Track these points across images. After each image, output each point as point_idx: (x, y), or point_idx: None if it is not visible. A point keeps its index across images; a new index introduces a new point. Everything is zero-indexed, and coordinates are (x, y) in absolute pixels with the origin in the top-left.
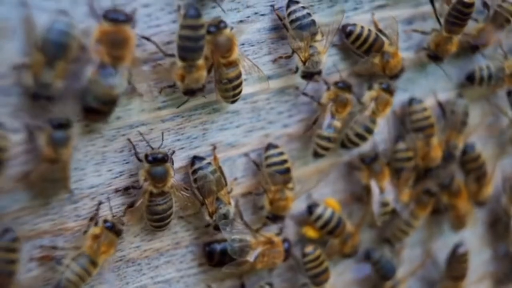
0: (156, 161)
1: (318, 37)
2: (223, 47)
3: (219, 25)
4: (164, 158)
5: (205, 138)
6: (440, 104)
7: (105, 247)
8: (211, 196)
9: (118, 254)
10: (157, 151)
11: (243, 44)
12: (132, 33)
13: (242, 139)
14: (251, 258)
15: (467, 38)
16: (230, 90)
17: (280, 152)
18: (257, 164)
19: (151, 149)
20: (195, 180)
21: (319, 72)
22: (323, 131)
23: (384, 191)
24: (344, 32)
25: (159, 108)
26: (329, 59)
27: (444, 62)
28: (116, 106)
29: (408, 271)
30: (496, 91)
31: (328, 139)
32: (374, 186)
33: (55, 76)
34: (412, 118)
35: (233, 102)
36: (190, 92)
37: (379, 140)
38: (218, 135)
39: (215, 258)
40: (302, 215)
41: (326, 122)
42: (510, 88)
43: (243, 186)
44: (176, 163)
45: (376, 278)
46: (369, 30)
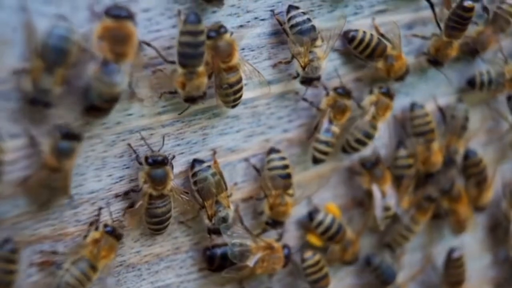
0: (156, 163)
1: (318, 42)
2: (224, 52)
3: (219, 30)
4: (164, 160)
5: (205, 143)
6: (440, 109)
7: (105, 251)
8: (210, 198)
9: (118, 259)
10: (157, 154)
11: (243, 49)
12: (134, 29)
13: (242, 144)
14: (251, 263)
15: (467, 40)
16: (231, 95)
17: (282, 157)
18: (257, 169)
19: (151, 151)
20: (195, 182)
21: (318, 78)
22: (320, 135)
23: (386, 195)
24: (346, 38)
25: (159, 113)
26: (329, 64)
27: (444, 66)
28: (117, 103)
29: (408, 276)
30: (496, 95)
31: (326, 144)
32: (376, 190)
33: (54, 82)
34: (413, 123)
35: (233, 107)
36: (191, 100)
37: (380, 145)
38: (218, 140)
39: (215, 263)
40: (303, 221)
41: (324, 126)
42: (510, 93)
43: (243, 191)
44: (176, 168)
45: (377, 283)
46: (371, 35)
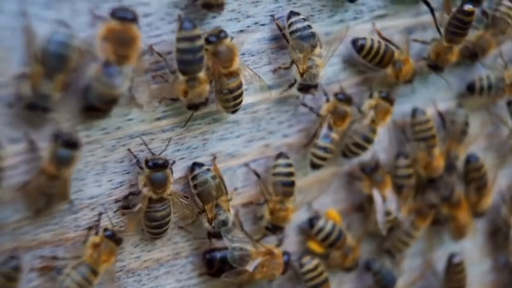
0: (157, 166)
1: (317, 49)
2: (224, 57)
3: (219, 35)
4: (165, 164)
5: (205, 148)
6: (440, 114)
7: (105, 255)
8: (210, 201)
9: (118, 264)
10: (157, 157)
11: (243, 54)
12: (139, 33)
13: (242, 149)
14: (250, 268)
15: (467, 44)
16: (231, 100)
17: (289, 163)
18: (257, 174)
19: (152, 155)
20: (195, 185)
21: (316, 86)
22: (319, 141)
23: (386, 200)
24: (355, 47)
25: (159, 118)
26: (329, 69)
27: (444, 71)
28: (116, 105)
29: (408, 282)
30: (496, 101)
31: (324, 150)
32: (377, 195)
33: (54, 88)
34: (415, 129)
35: (233, 112)
36: (194, 107)
37: (380, 149)
38: (218, 145)
39: (215, 266)
40: (303, 227)
41: (323, 132)
42: (510, 98)
43: (244, 196)
44: (176, 173)
45: None
46: (378, 42)
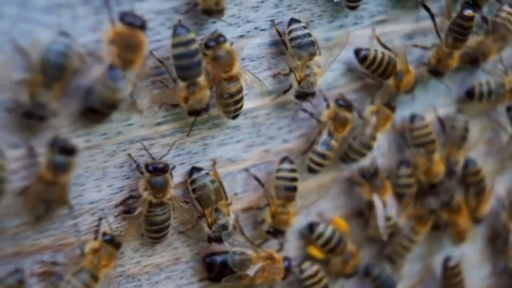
0: (157, 171)
1: (316, 58)
2: (224, 61)
3: (218, 39)
4: (165, 168)
5: (205, 153)
6: (440, 120)
7: (105, 260)
8: (210, 206)
9: (118, 269)
10: (158, 161)
11: (243, 59)
12: (145, 40)
13: (242, 155)
14: (251, 272)
15: (467, 50)
16: (232, 105)
17: (293, 169)
18: (258, 179)
19: (152, 159)
20: (194, 190)
21: (313, 94)
22: (318, 146)
23: (387, 205)
24: (357, 57)
25: (159, 123)
26: (329, 74)
27: (445, 77)
28: (116, 110)
29: (407, 287)
30: (496, 106)
31: (323, 156)
32: (377, 200)
33: (52, 97)
34: (413, 135)
35: (234, 117)
36: (195, 113)
37: (378, 154)
38: (218, 150)
39: (215, 270)
40: (304, 232)
41: (323, 139)
42: (510, 103)
43: (244, 201)
44: (176, 178)
45: None
46: (382, 53)
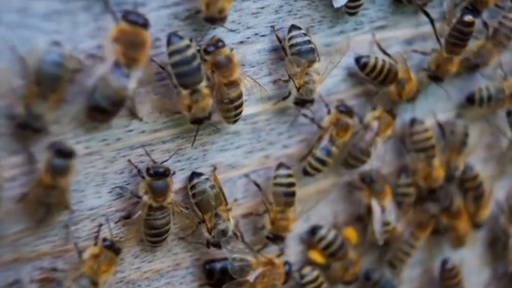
0: (158, 174)
1: (316, 65)
2: (223, 66)
3: (217, 44)
4: (166, 172)
5: (205, 159)
6: (440, 125)
7: (105, 266)
8: (209, 211)
9: (119, 275)
10: (159, 165)
11: (243, 65)
12: (149, 38)
13: (242, 160)
14: (251, 278)
15: (467, 55)
16: (232, 110)
17: (289, 174)
18: (257, 184)
19: (153, 163)
20: (194, 195)
21: (312, 101)
22: (317, 151)
23: (385, 210)
24: (358, 64)
25: (160, 129)
26: (329, 80)
27: (444, 82)
28: (122, 108)
29: None
30: (496, 111)
31: (321, 162)
32: (375, 205)
33: (48, 107)
34: (413, 139)
35: (234, 122)
36: (197, 121)
37: (375, 157)
38: (218, 156)
39: (214, 277)
40: (304, 237)
41: (323, 144)
42: (510, 108)
43: (244, 207)
44: (176, 184)
45: None
46: (383, 61)
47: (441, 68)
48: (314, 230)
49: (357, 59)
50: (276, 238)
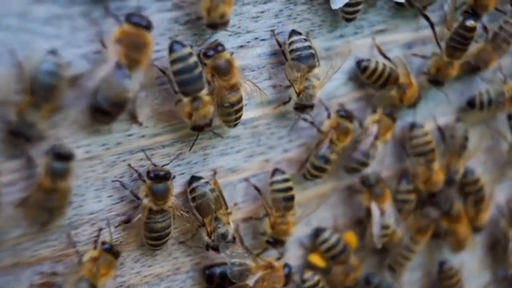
0: (158, 178)
1: (316, 70)
2: (223, 70)
3: (216, 48)
4: (166, 175)
5: (205, 163)
6: (440, 129)
7: (104, 269)
8: (209, 214)
9: (119, 280)
10: (159, 168)
11: (244, 69)
12: (151, 40)
13: (243, 164)
14: (251, 283)
15: (467, 58)
16: (232, 114)
17: (286, 178)
18: (258, 189)
19: (154, 166)
20: (194, 198)
21: (312, 106)
22: (315, 160)
23: (385, 213)
24: (358, 68)
25: (159, 133)
26: (330, 83)
27: (444, 86)
28: (123, 110)
29: None
30: (497, 114)
31: (320, 169)
32: (374, 208)
33: (41, 116)
34: (412, 143)
35: (234, 126)
36: (198, 128)
37: (375, 161)
38: (219, 160)
39: (214, 281)
40: (304, 241)
41: (321, 152)
42: (511, 111)
43: (244, 211)
44: (176, 188)
45: None
46: (383, 65)
47: (441, 72)
48: (317, 232)
49: (357, 63)
50: (277, 242)
